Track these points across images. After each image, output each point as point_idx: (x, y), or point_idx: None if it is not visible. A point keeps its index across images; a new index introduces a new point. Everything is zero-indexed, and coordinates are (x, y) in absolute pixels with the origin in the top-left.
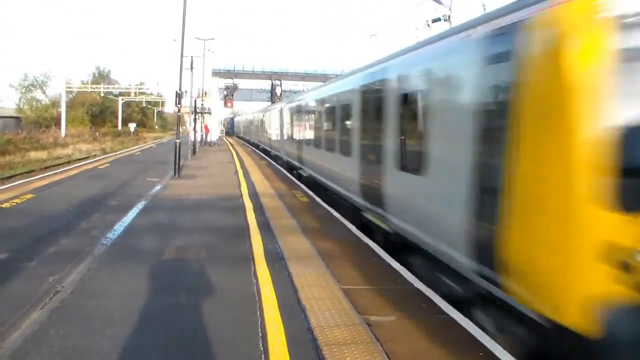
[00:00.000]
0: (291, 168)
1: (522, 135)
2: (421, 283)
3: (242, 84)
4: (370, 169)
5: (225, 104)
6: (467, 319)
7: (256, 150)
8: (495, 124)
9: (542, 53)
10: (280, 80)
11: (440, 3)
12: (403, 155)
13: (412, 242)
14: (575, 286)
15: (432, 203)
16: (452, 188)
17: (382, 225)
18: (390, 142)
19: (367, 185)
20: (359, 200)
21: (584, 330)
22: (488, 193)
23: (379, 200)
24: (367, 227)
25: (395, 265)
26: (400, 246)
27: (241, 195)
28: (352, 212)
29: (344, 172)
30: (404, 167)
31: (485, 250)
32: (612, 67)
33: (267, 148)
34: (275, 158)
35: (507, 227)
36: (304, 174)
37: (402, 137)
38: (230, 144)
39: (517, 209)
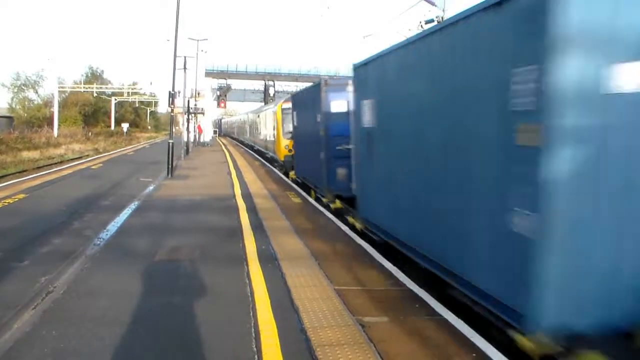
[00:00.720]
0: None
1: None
2: (414, 284)
3: (236, 84)
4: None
5: (219, 105)
6: (460, 320)
7: (249, 151)
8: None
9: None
10: (273, 80)
11: (433, 4)
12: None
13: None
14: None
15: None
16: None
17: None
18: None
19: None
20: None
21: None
22: None
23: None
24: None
25: (388, 265)
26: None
27: (234, 195)
28: (347, 213)
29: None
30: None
31: None
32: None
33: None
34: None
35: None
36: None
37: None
38: (224, 144)
39: None
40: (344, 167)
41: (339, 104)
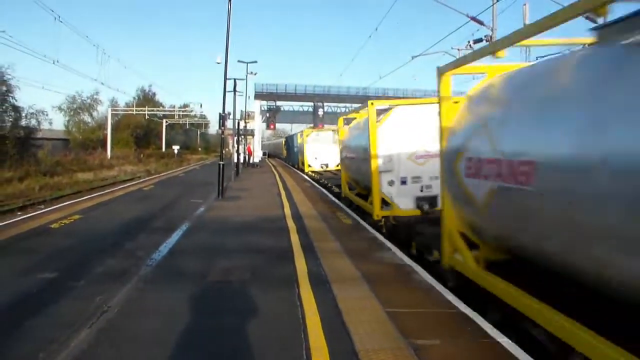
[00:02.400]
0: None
1: None
2: (466, 306)
3: (285, 105)
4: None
5: (268, 126)
6: (513, 343)
7: (298, 172)
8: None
9: None
10: (322, 102)
11: (482, 24)
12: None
13: None
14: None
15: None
16: None
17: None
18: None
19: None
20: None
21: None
22: None
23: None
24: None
25: (440, 288)
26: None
27: (284, 216)
28: (399, 236)
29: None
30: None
31: None
32: None
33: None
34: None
35: None
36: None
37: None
38: (273, 165)
39: None
40: None
41: None
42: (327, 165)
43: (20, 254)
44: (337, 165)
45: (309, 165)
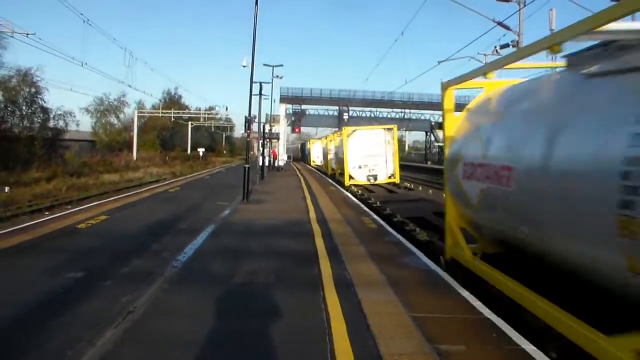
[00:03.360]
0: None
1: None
2: (491, 312)
3: (310, 109)
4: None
5: (294, 130)
6: (538, 350)
7: (324, 177)
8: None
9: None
10: (347, 106)
11: (508, 29)
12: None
13: None
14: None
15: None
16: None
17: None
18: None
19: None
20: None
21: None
22: None
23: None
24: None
25: (465, 294)
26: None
27: (309, 220)
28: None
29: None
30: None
31: None
32: None
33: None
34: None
35: None
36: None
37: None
38: (298, 169)
39: None
40: None
41: None
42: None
43: (48, 254)
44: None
45: (351, 177)
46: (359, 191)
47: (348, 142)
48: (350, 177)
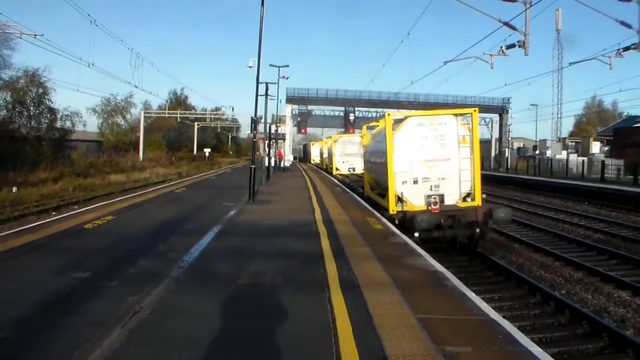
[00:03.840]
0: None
1: None
2: (497, 313)
3: (316, 110)
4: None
5: (299, 131)
6: (545, 352)
7: (329, 177)
8: None
9: None
10: (353, 107)
11: (514, 29)
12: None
13: None
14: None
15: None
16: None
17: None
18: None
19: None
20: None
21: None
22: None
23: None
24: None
25: (471, 295)
26: None
27: (315, 221)
28: (430, 241)
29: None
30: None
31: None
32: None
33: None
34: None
35: None
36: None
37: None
38: (304, 169)
39: None
40: None
41: None
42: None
43: (55, 254)
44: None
45: (337, 169)
46: (341, 177)
47: (335, 145)
48: (336, 169)
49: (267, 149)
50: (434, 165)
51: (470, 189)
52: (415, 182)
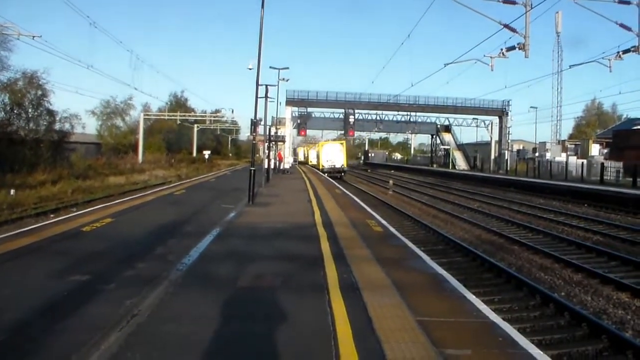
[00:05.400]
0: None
1: None
2: (497, 316)
3: (315, 112)
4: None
5: (299, 133)
6: (544, 354)
7: (329, 179)
8: None
9: None
10: (353, 109)
11: (515, 31)
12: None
13: None
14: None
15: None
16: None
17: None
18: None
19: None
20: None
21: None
22: None
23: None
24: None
25: (471, 297)
26: None
27: (315, 223)
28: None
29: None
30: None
31: None
32: None
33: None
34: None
35: None
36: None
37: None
38: (303, 172)
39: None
40: None
41: None
42: (334, 165)
43: (53, 256)
44: (342, 165)
45: (322, 165)
46: (326, 170)
47: (322, 149)
48: (322, 165)
49: (267, 151)
50: (332, 158)
51: (342, 165)
52: (327, 161)
